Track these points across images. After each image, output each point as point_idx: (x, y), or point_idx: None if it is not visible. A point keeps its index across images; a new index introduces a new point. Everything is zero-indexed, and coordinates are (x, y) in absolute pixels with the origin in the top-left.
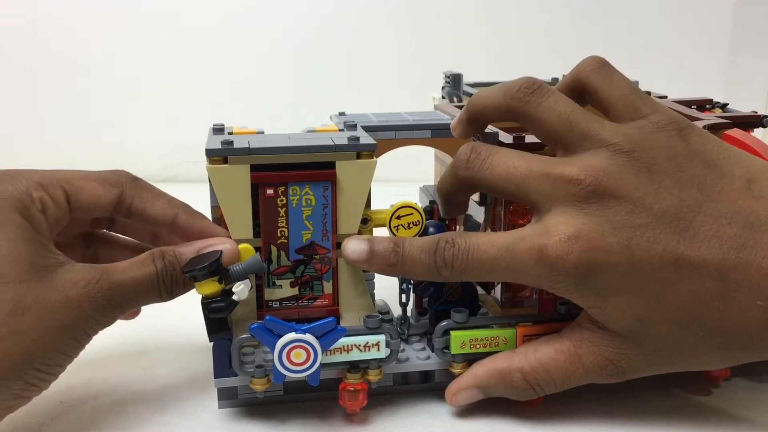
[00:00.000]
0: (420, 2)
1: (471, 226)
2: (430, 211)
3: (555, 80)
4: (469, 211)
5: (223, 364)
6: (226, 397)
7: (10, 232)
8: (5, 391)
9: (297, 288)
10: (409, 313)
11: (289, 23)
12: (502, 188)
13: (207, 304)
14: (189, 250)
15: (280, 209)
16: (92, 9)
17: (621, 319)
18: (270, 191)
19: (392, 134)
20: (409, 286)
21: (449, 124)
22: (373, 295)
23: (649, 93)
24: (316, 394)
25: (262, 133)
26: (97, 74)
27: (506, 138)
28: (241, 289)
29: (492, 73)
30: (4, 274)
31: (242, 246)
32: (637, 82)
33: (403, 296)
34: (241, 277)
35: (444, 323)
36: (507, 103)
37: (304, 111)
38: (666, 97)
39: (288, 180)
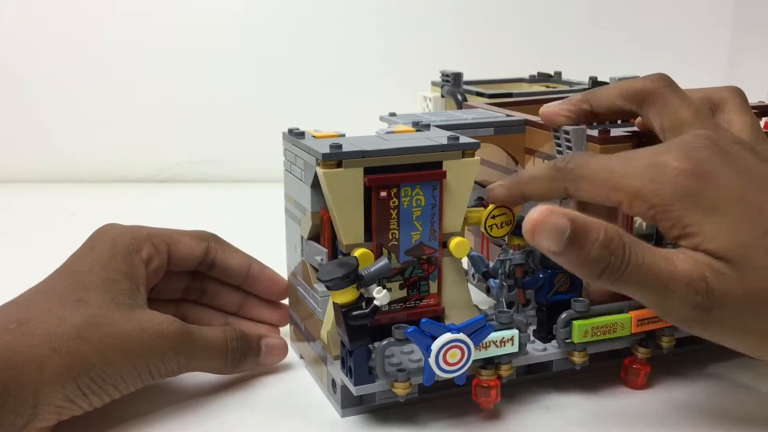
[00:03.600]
0: (409, 3)
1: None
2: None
3: (558, 74)
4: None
5: (363, 371)
6: (351, 404)
7: (108, 272)
8: (58, 389)
9: (405, 290)
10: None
11: (286, 25)
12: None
13: (348, 311)
14: (254, 331)
15: (392, 211)
16: (93, 9)
17: (720, 237)
18: (383, 193)
19: (458, 133)
20: (510, 280)
21: (511, 121)
22: None
23: None
24: (436, 394)
25: (344, 135)
26: (98, 74)
27: (593, 132)
28: (383, 295)
29: (487, 71)
30: (87, 301)
31: (361, 251)
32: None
33: (503, 290)
34: (373, 281)
35: (565, 314)
36: (644, 87)
37: (304, 110)
38: None
39: (401, 181)
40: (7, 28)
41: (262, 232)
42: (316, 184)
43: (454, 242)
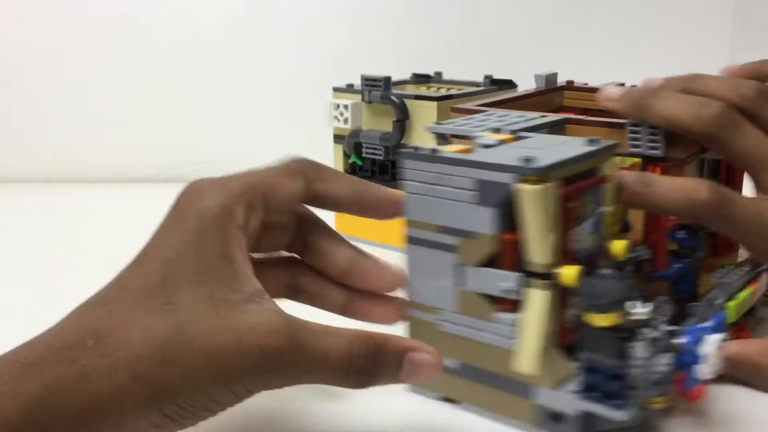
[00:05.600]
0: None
1: None
2: None
3: (554, 75)
4: None
5: (624, 393)
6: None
7: (201, 258)
8: (142, 418)
9: None
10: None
11: (286, 25)
12: (745, 158)
13: (617, 332)
14: (396, 345)
15: (575, 222)
16: (93, 8)
17: None
18: (571, 204)
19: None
20: None
21: (555, 120)
22: None
23: None
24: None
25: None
26: (98, 74)
27: None
28: (647, 310)
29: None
30: (178, 303)
31: (571, 267)
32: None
33: None
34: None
35: None
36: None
37: (304, 110)
38: None
39: (582, 190)
40: (6, 27)
41: None
42: (496, 204)
43: (616, 245)
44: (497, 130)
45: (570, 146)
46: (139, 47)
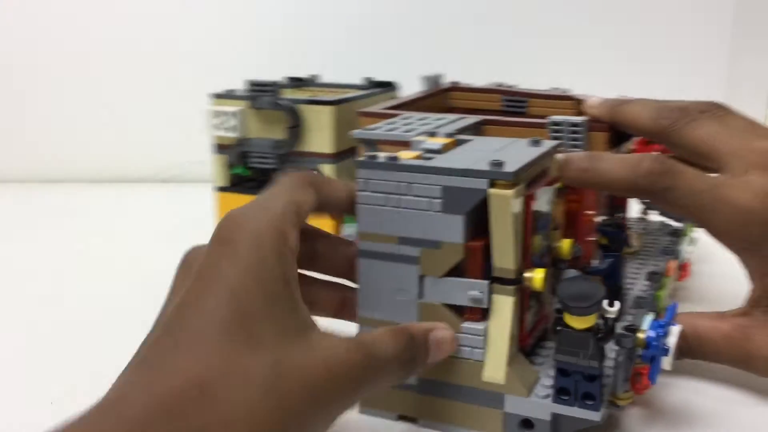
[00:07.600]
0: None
1: None
2: None
3: (440, 76)
4: None
5: (604, 393)
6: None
7: (264, 285)
8: None
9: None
10: None
11: (286, 25)
12: (697, 147)
13: (596, 334)
14: (419, 329)
15: (531, 223)
16: (93, 8)
17: None
18: (532, 205)
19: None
20: None
21: (476, 122)
22: None
23: None
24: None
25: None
26: (97, 74)
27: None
28: (616, 309)
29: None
30: (262, 340)
31: (540, 271)
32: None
33: None
34: None
35: None
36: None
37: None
38: None
39: (536, 190)
40: (6, 27)
41: None
42: (464, 211)
43: (564, 244)
44: (432, 134)
45: (519, 148)
46: (139, 47)
